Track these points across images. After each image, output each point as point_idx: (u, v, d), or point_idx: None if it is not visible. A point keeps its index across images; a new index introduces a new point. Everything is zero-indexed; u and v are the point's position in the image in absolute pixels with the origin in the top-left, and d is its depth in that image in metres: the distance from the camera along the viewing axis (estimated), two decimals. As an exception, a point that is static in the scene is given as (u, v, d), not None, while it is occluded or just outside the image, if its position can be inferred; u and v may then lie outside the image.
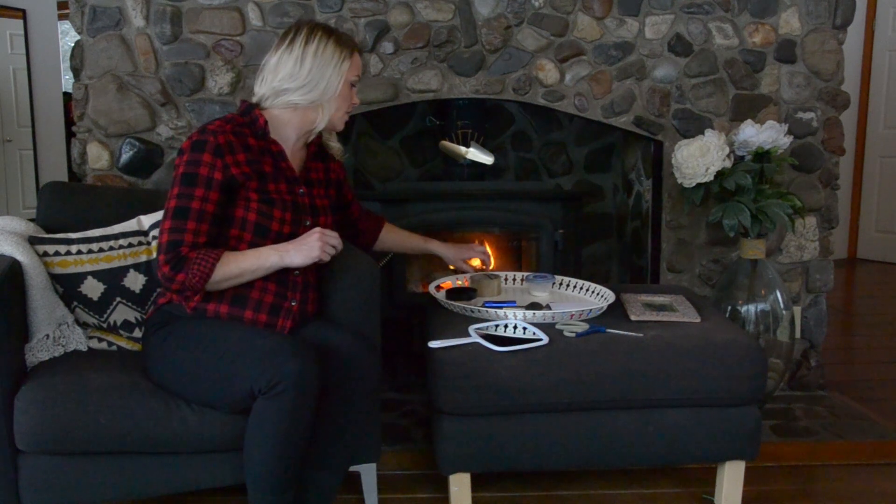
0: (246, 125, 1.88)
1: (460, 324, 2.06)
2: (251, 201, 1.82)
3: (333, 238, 1.83)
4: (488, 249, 2.51)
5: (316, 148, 2.03)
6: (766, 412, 2.65)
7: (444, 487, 2.06)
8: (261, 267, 1.79)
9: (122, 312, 2.06)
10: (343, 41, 1.90)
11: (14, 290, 1.83)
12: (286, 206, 1.86)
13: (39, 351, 1.89)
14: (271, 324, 1.83)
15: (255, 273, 1.79)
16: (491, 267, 2.51)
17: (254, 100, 1.92)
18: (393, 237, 2.34)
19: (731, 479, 2.06)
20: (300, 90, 1.86)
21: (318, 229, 1.83)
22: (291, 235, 1.87)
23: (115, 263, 2.05)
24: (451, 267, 2.45)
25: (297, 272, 1.89)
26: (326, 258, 1.82)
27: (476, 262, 2.44)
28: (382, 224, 2.32)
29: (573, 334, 2.01)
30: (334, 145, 2.07)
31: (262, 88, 1.90)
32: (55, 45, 5.63)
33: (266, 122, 1.89)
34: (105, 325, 2.04)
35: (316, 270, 1.99)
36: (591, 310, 2.12)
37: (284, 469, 1.65)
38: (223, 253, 1.77)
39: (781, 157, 2.58)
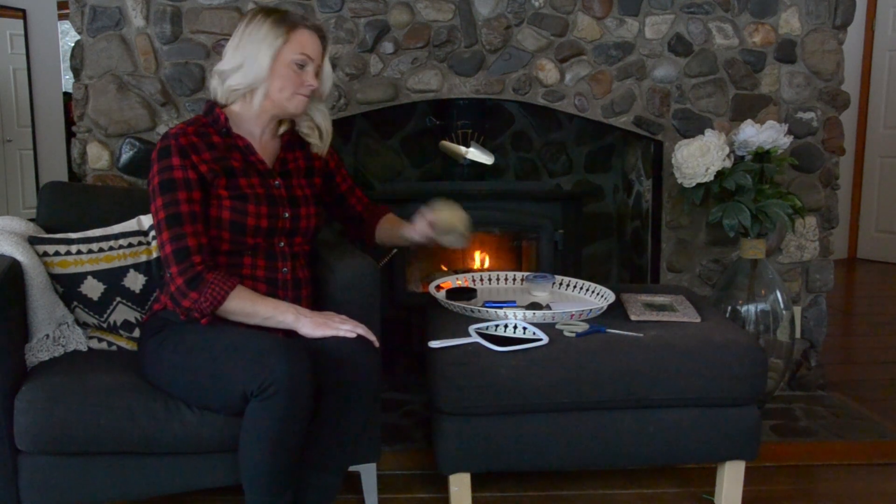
0: (209, 124, 1.88)
1: (460, 324, 2.06)
2: (223, 199, 1.82)
3: (360, 328, 1.79)
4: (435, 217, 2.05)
5: (290, 136, 2.00)
6: (766, 412, 2.64)
7: (444, 487, 2.06)
8: (274, 318, 1.77)
9: (122, 312, 2.06)
10: (283, 20, 1.85)
11: (14, 290, 1.83)
12: (260, 199, 1.85)
13: (39, 351, 1.89)
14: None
15: (266, 321, 1.77)
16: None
17: (212, 96, 1.92)
18: (384, 227, 2.13)
19: (731, 479, 2.06)
20: (237, 73, 1.85)
21: (349, 320, 1.79)
22: (269, 229, 1.86)
23: (115, 263, 2.05)
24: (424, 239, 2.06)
25: (285, 269, 1.89)
26: (347, 335, 1.77)
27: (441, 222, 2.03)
28: (383, 214, 2.15)
29: (573, 334, 2.01)
30: (314, 142, 2.00)
31: (213, 80, 1.91)
32: (55, 45, 5.63)
33: (227, 119, 1.88)
34: (105, 325, 2.04)
35: (308, 267, 1.98)
36: (591, 310, 2.12)
37: (279, 471, 1.65)
38: (237, 284, 1.77)
39: (781, 157, 2.58)
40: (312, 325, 1.76)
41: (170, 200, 1.76)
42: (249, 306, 1.77)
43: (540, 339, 1.96)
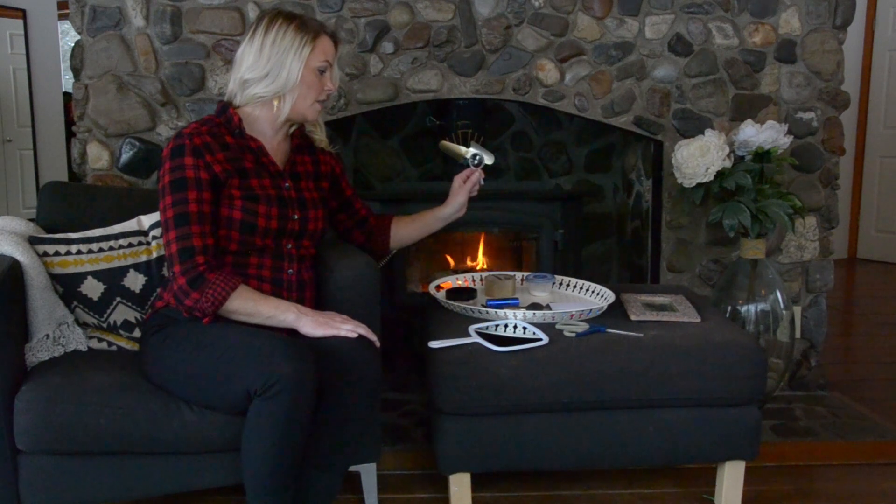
0: (222, 125, 1.89)
1: (460, 324, 2.06)
2: (234, 199, 1.83)
3: (362, 328, 1.79)
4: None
5: (300, 140, 2.01)
6: (766, 412, 2.64)
7: (444, 487, 2.06)
8: (276, 317, 1.77)
9: (122, 312, 2.06)
10: (305, 26, 1.86)
11: (14, 290, 1.83)
12: (271, 201, 1.86)
13: (39, 351, 1.89)
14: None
15: (268, 320, 1.77)
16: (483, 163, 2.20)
17: (226, 97, 1.93)
18: (407, 226, 2.22)
19: (731, 479, 2.06)
20: (262, 81, 1.85)
21: (350, 320, 1.79)
22: (279, 230, 1.87)
23: (115, 263, 2.05)
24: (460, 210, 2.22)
25: (290, 270, 1.90)
26: (349, 335, 1.77)
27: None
28: (391, 220, 2.22)
29: (573, 334, 2.01)
30: (318, 137, 2.04)
31: (231, 84, 1.91)
32: (55, 45, 5.63)
33: (240, 120, 1.89)
34: (105, 325, 2.04)
35: (312, 269, 1.99)
36: (591, 310, 2.12)
37: (281, 470, 1.65)
38: (240, 284, 1.77)
39: (781, 157, 2.58)
40: (314, 325, 1.77)
41: (179, 199, 1.77)
42: (251, 306, 1.77)
43: (540, 339, 1.96)
